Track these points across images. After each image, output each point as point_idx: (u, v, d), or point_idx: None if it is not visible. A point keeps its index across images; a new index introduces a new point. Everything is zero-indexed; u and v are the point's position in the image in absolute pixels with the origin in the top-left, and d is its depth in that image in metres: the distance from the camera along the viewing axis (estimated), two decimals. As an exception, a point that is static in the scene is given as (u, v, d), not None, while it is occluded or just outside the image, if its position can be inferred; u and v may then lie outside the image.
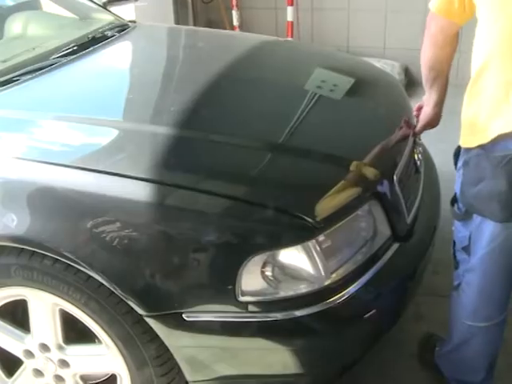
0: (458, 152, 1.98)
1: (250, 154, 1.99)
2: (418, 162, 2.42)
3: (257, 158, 1.97)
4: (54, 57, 2.58)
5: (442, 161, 2.81)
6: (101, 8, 3.35)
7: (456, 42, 2.00)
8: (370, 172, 1.99)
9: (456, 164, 1.99)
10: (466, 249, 1.97)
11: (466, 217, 1.92)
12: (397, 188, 2.05)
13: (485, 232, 1.88)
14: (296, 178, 1.92)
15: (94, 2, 3.35)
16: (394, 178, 2.05)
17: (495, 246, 1.88)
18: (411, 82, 5.68)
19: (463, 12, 1.84)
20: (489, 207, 1.81)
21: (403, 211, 2.09)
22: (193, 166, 1.92)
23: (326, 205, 1.81)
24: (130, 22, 3.25)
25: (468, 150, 1.84)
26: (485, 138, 1.76)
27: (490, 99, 1.75)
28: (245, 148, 2.00)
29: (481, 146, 1.77)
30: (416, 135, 2.38)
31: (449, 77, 2.15)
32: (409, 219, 2.13)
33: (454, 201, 1.98)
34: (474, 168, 1.82)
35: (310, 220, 1.74)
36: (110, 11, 3.36)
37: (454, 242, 2.06)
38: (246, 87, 2.51)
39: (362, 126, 2.30)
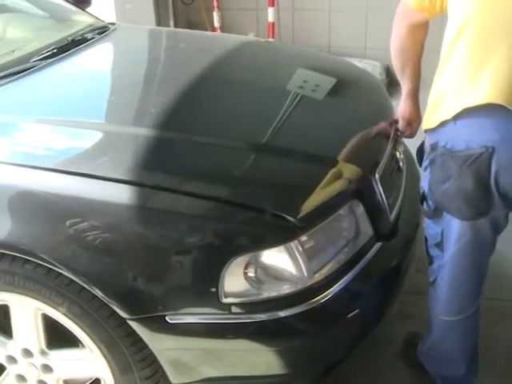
0: (421, 149, 2.02)
1: (231, 155, 1.98)
2: (400, 160, 2.43)
3: (238, 160, 1.97)
4: (33, 60, 2.55)
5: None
6: (81, 10, 3.33)
7: (424, 33, 2.06)
8: (352, 172, 1.99)
9: (420, 162, 2.03)
10: (439, 245, 1.99)
11: (436, 214, 1.95)
12: (379, 187, 2.05)
13: (454, 229, 1.90)
14: (277, 179, 1.92)
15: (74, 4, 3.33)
16: (376, 176, 2.06)
17: (464, 243, 1.91)
18: (392, 82, 5.67)
19: (433, 8, 1.88)
20: (455, 205, 1.84)
21: (385, 209, 2.10)
22: (174, 168, 1.91)
23: (308, 205, 1.80)
24: (109, 24, 3.24)
25: (433, 148, 1.86)
26: (448, 113, 1.78)
27: (458, 76, 1.78)
28: (226, 149, 2.00)
29: (444, 146, 1.80)
30: (402, 134, 2.38)
31: (421, 72, 2.18)
32: (391, 217, 2.13)
33: (423, 199, 2.00)
34: (439, 167, 1.84)
35: (291, 221, 1.74)
36: (89, 13, 3.34)
37: (426, 239, 2.08)
38: (226, 88, 2.51)
39: (343, 125, 2.32)
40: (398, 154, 2.42)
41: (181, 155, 1.96)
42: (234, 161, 1.97)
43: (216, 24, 5.96)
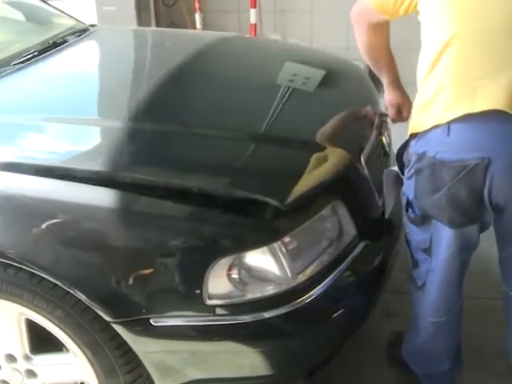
0: (401, 154, 2.00)
1: (215, 154, 1.99)
2: (387, 146, 2.45)
3: (221, 159, 1.97)
4: (14, 62, 2.54)
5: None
6: (62, 13, 3.31)
7: (387, 30, 2.08)
8: (337, 161, 2.01)
9: (401, 167, 2.00)
10: (427, 250, 1.97)
11: (424, 221, 1.92)
12: (365, 171, 2.08)
13: (444, 237, 1.89)
14: (260, 180, 1.92)
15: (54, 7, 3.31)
16: (362, 160, 2.09)
17: (455, 249, 1.91)
18: (375, 81, 5.70)
19: (396, 12, 1.90)
20: (447, 215, 1.82)
21: (375, 198, 2.12)
22: (154, 168, 1.91)
23: (291, 206, 1.80)
24: (90, 26, 3.23)
25: (420, 158, 1.82)
26: (441, 119, 1.75)
27: (451, 81, 1.74)
28: (209, 148, 1.99)
29: (435, 154, 1.77)
30: (394, 121, 2.39)
31: (404, 75, 2.18)
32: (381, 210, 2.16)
33: (407, 206, 1.97)
34: (428, 177, 1.80)
35: (274, 222, 1.75)
36: (71, 16, 3.33)
37: (408, 242, 2.06)
38: (205, 83, 2.51)
39: (326, 117, 2.31)
40: (384, 139, 2.43)
41: (162, 157, 1.95)
42: (216, 162, 1.96)
43: (198, 26, 5.96)
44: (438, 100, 1.77)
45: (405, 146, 1.99)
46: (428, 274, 2.03)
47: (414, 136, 1.89)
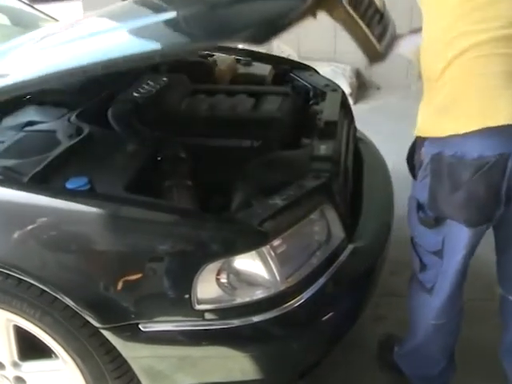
0: (411, 155, 1.97)
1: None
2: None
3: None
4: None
5: (395, 160, 2.84)
6: (48, 17, 3.31)
7: None
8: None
9: (412, 170, 1.96)
10: (439, 252, 1.94)
11: (437, 224, 1.89)
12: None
13: (461, 236, 1.86)
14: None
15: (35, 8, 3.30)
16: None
17: (469, 250, 1.89)
18: (362, 85, 5.74)
19: None
20: (466, 214, 1.79)
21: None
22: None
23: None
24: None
25: (436, 158, 1.78)
26: (459, 128, 1.70)
27: (469, 91, 1.70)
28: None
29: (454, 149, 1.73)
30: None
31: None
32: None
33: (418, 208, 1.94)
34: (447, 177, 1.76)
35: (263, 226, 1.75)
36: (57, 20, 3.32)
37: (416, 246, 2.04)
38: None
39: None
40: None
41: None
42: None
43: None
44: (456, 108, 1.73)
45: (414, 148, 1.95)
46: (438, 276, 2.00)
47: (428, 139, 1.84)
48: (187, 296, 1.72)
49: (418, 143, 1.91)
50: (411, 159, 1.98)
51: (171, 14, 2.08)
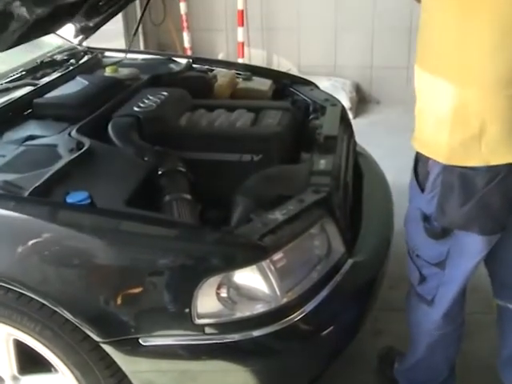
0: (417, 168, 1.92)
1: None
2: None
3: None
4: (2, 82, 2.55)
5: (395, 175, 2.86)
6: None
7: None
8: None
9: (418, 180, 1.91)
10: (441, 263, 1.93)
11: (444, 235, 1.88)
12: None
13: (470, 246, 1.85)
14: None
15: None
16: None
17: (480, 258, 1.88)
18: (362, 100, 5.75)
19: None
20: (479, 223, 1.78)
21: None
22: None
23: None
24: (78, 45, 3.24)
25: (447, 170, 1.76)
26: (488, 160, 1.70)
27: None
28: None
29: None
30: None
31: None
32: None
33: (424, 220, 1.91)
34: (459, 188, 1.74)
35: (263, 240, 1.75)
36: (59, 35, 3.33)
37: (415, 258, 2.01)
38: None
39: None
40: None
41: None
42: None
43: (186, 44, 5.99)
44: (483, 139, 1.70)
45: (418, 159, 1.91)
46: (438, 288, 1.99)
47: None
48: (187, 310, 1.72)
49: (420, 155, 1.88)
50: (417, 170, 1.93)
51: None
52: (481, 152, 1.70)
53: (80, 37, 3.21)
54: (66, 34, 3.34)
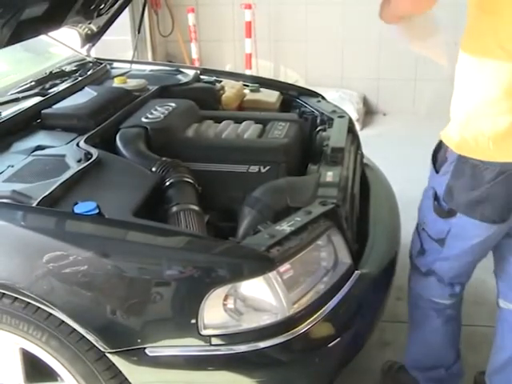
0: (437, 152, 2.03)
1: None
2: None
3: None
4: (11, 92, 2.56)
5: (402, 187, 2.86)
6: (59, 43, 3.34)
7: None
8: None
9: (435, 162, 2.03)
10: (441, 241, 2.04)
11: (449, 215, 1.98)
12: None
13: (470, 230, 1.96)
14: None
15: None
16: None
17: (477, 243, 1.98)
18: (369, 111, 5.76)
19: None
20: (481, 211, 1.88)
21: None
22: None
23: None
24: (86, 56, 3.26)
25: (462, 160, 1.87)
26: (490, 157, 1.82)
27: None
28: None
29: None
30: None
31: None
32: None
33: (435, 198, 2.02)
34: (469, 177, 1.87)
35: (270, 251, 1.75)
36: (68, 46, 3.35)
37: (421, 231, 2.14)
38: None
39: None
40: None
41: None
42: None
43: (194, 56, 6.01)
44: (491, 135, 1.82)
45: (440, 146, 2.01)
46: (435, 262, 2.11)
47: None
48: (194, 321, 1.72)
49: (443, 144, 1.98)
50: (436, 154, 2.04)
51: None
52: (489, 149, 1.81)
53: (87, 45, 3.24)
54: (74, 45, 3.37)
